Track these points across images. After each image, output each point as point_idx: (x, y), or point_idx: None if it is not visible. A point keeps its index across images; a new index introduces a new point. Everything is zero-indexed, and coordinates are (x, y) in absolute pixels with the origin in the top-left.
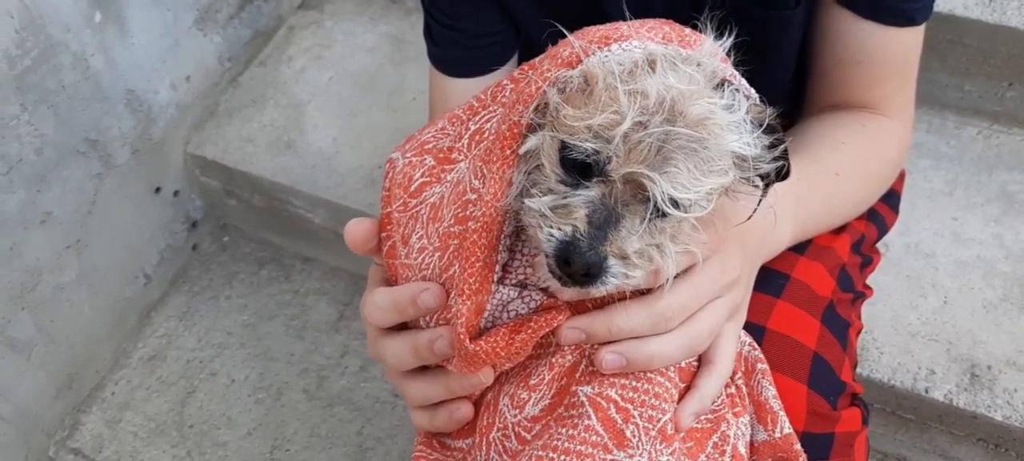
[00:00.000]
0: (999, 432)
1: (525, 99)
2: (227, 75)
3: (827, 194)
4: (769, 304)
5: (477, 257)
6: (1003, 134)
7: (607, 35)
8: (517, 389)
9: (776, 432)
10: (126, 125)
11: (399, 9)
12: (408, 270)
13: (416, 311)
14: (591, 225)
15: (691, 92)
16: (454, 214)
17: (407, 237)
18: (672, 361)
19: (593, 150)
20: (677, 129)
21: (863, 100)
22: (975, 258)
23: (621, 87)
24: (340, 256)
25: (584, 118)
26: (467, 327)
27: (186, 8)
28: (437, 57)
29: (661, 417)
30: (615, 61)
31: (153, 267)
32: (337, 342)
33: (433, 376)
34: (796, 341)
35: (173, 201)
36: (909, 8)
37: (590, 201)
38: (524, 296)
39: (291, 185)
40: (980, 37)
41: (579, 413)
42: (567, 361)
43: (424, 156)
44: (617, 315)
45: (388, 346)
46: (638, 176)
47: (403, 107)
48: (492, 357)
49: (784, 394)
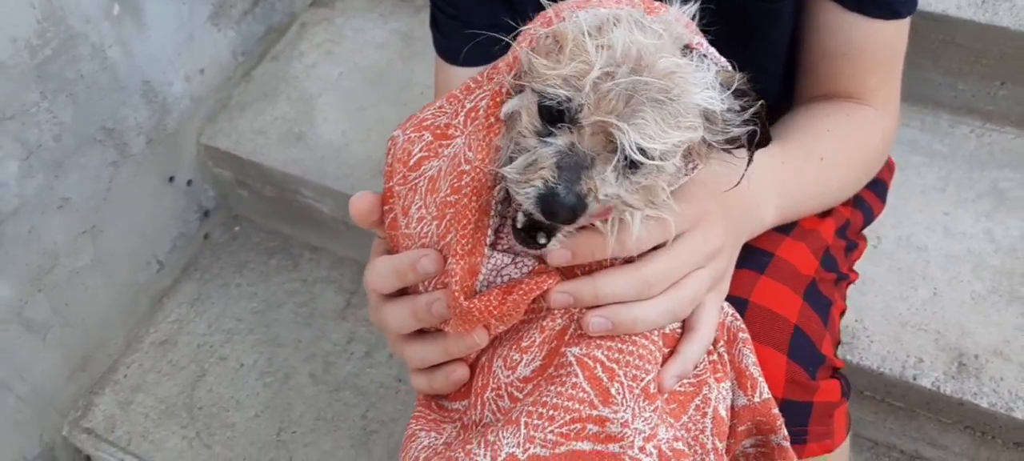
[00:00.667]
0: (985, 419)
1: (506, 67)
2: (240, 69)
3: (811, 178)
4: (752, 279)
5: (468, 220)
6: (995, 132)
7: (579, 4)
8: (510, 351)
9: (755, 397)
10: (141, 115)
11: (408, 6)
12: (408, 239)
13: (415, 276)
14: (562, 169)
15: (657, 47)
16: (450, 184)
17: (407, 208)
18: (655, 325)
19: (565, 97)
20: (644, 79)
21: (849, 91)
22: (965, 252)
23: (589, 40)
24: (348, 246)
25: (556, 68)
26: (462, 286)
27: (201, 3)
28: (442, 47)
29: (645, 377)
30: (583, 21)
31: (166, 254)
32: (343, 329)
33: (431, 339)
34: (777, 314)
35: (186, 190)
36: (894, 1)
37: (558, 150)
38: (517, 262)
39: (301, 176)
40: (972, 37)
41: (567, 372)
42: (557, 324)
43: (422, 132)
44: (603, 280)
45: (389, 311)
46: (606, 125)
47: (412, 101)
48: (485, 314)
49: (764, 363)
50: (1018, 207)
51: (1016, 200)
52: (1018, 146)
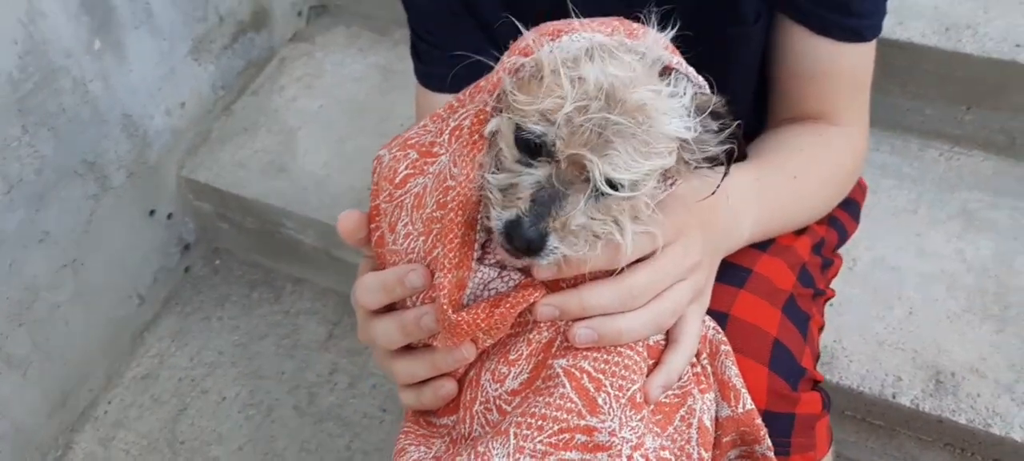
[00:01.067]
0: (964, 435)
1: (490, 88)
2: (220, 103)
3: (786, 195)
4: (732, 294)
5: (455, 234)
6: (963, 155)
7: (559, 29)
8: (498, 364)
9: (739, 408)
10: (122, 149)
11: (387, 41)
12: (395, 256)
13: (403, 291)
14: (535, 203)
15: (630, 79)
16: (436, 200)
17: (393, 225)
18: (639, 336)
19: (540, 132)
20: (615, 114)
21: (819, 112)
22: (939, 271)
23: (565, 74)
24: (330, 277)
25: (533, 102)
26: (450, 300)
27: (182, 38)
28: (423, 74)
29: (631, 387)
30: (561, 51)
31: (147, 288)
32: (326, 360)
33: (419, 354)
34: (758, 327)
35: (167, 224)
36: (859, 25)
37: (537, 181)
38: (503, 276)
39: (284, 207)
40: (938, 64)
41: (555, 383)
42: (544, 337)
43: (408, 151)
44: (588, 293)
45: (377, 326)
46: (580, 158)
47: (391, 132)
48: (473, 327)
49: (746, 375)
50: (987, 227)
51: (985, 221)
52: (985, 168)
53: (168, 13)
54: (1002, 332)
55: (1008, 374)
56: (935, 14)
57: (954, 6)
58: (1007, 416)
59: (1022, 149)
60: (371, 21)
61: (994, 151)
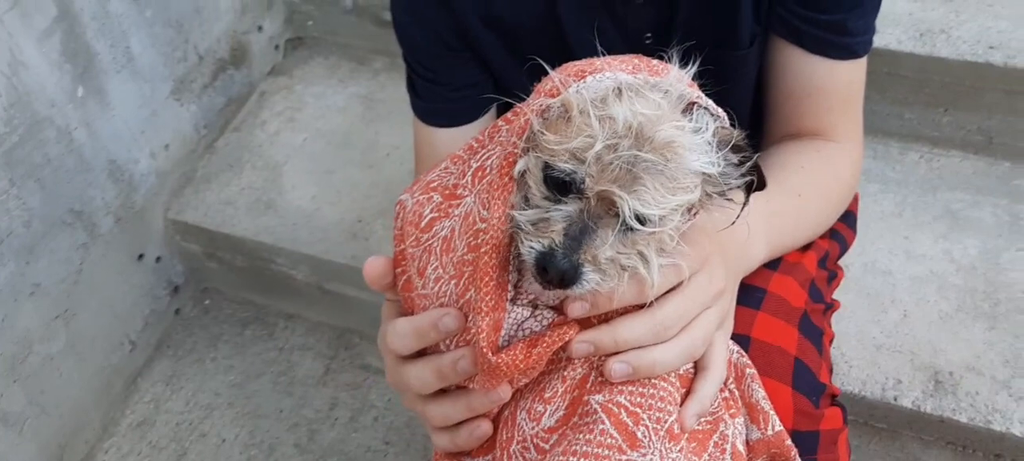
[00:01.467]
0: (966, 434)
1: (518, 130)
2: (203, 142)
3: (793, 213)
4: (751, 316)
5: (490, 276)
6: (943, 157)
7: (583, 69)
8: (533, 403)
9: (768, 430)
10: (109, 195)
11: (367, 70)
12: (425, 300)
13: (437, 335)
14: (567, 237)
15: (657, 117)
16: (466, 243)
17: (422, 269)
18: (673, 367)
19: (570, 170)
20: (644, 151)
21: (815, 128)
22: (928, 273)
23: (593, 113)
24: (323, 311)
25: (563, 142)
26: (488, 342)
27: (162, 79)
28: (421, 109)
29: (668, 419)
30: (589, 90)
31: (138, 333)
32: (325, 395)
33: (454, 397)
34: (779, 348)
35: (155, 267)
36: (851, 42)
37: (568, 216)
38: (537, 315)
39: (274, 243)
40: (915, 69)
41: (593, 420)
42: (578, 373)
43: (431, 194)
44: (622, 327)
45: (411, 371)
46: (609, 194)
47: (378, 162)
48: (512, 369)
49: (772, 396)
50: (971, 226)
51: (969, 220)
52: (965, 168)
53: (148, 55)
54: (994, 329)
55: (1004, 371)
56: (910, 21)
57: (927, 12)
58: (1006, 412)
59: (999, 148)
60: (349, 51)
61: (972, 151)
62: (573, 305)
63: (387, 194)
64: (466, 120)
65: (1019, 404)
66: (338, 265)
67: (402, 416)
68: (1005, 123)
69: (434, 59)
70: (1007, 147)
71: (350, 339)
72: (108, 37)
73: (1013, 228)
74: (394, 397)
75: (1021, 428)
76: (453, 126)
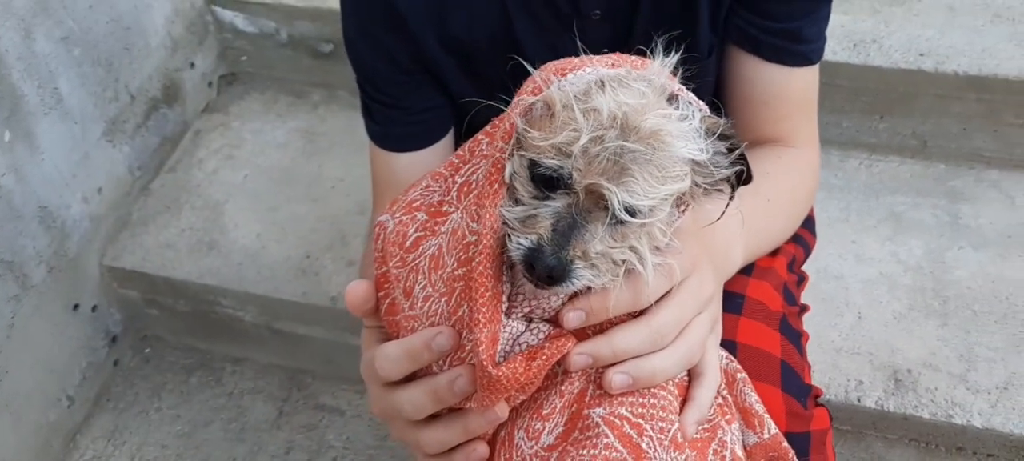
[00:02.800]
0: (928, 430)
1: (503, 135)
2: (138, 184)
3: (763, 218)
4: (734, 321)
5: (485, 287)
6: (882, 162)
7: (564, 67)
8: (531, 421)
9: (764, 433)
10: (40, 243)
11: (305, 104)
12: (414, 320)
13: (431, 355)
14: (556, 232)
15: (642, 106)
16: (456, 258)
17: (409, 289)
18: (672, 374)
19: (557, 165)
20: (630, 144)
21: (775, 135)
22: (878, 275)
23: (577, 107)
24: (273, 352)
25: (548, 138)
26: (488, 355)
27: (93, 120)
28: (378, 135)
29: (670, 428)
30: (571, 86)
31: (75, 387)
32: (280, 439)
33: (449, 420)
34: (765, 351)
35: (91, 317)
36: (806, 49)
37: (556, 212)
38: (532, 328)
39: (218, 284)
40: (850, 78)
41: (596, 434)
42: (575, 387)
43: (414, 214)
44: (619, 337)
45: (403, 396)
46: (597, 187)
47: (323, 196)
48: (512, 383)
49: (763, 399)
50: (915, 227)
51: (912, 221)
52: (903, 172)
53: (78, 96)
54: (946, 326)
55: (959, 365)
56: (843, 32)
57: (858, 23)
58: (965, 405)
59: (933, 151)
60: (286, 85)
61: (909, 155)
62: (569, 315)
63: (335, 227)
64: (425, 144)
65: (977, 397)
66: (287, 303)
67: (362, 455)
68: (938, 127)
69: (390, 84)
70: (941, 149)
71: (303, 379)
72: (35, 78)
73: (953, 227)
74: (352, 436)
75: (981, 420)
76: (412, 150)
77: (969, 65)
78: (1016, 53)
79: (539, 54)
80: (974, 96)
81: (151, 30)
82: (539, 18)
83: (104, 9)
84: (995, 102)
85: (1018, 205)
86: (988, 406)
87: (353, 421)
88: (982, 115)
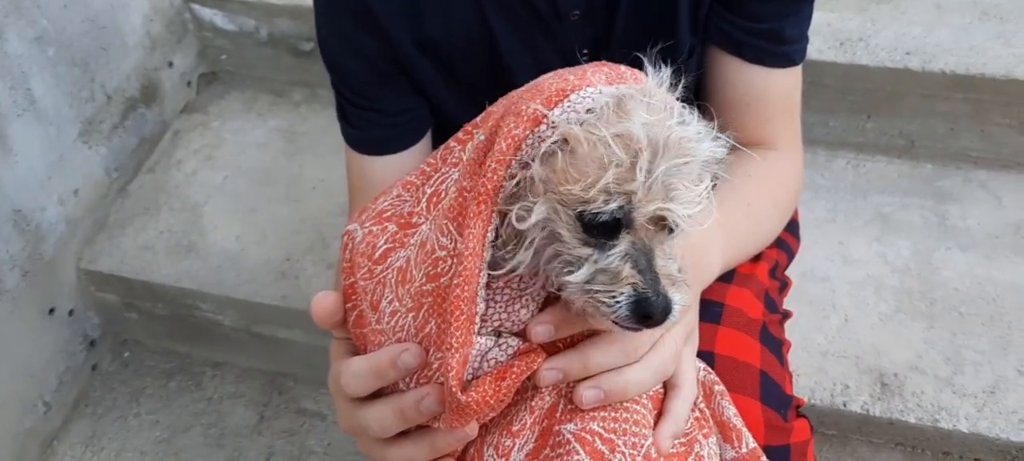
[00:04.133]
0: (914, 434)
1: (498, 158)
2: (115, 185)
3: (744, 222)
4: (712, 331)
5: (462, 311)
6: (869, 162)
7: (562, 88)
8: (501, 438)
9: (742, 448)
10: (14, 247)
11: (286, 103)
12: (380, 336)
13: (396, 373)
14: (642, 274)
15: (662, 120)
16: (425, 273)
17: (376, 303)
18: (646, 387)
19: (616, 208)
20: (675, 162)
21: (757, 137)
22: (865, 277)
23: (610, 134)
24: (253, 356)
25: (591, 183)
26: (457, 380)
27: (69, 121)
28: (354, 138)
29: (644, 443)
30: (583, 111)
31: (52, 393)
32: (261, 445)
33: (417, 438)
34: (743, 362)
35: (68, 321)
36: (789, 50)
37: (627, 255)
38: (500, 344)
39: (197, 288)
40: (837, 77)
41: (567, 451)
42: (546, 403)
43: (384, 224)
44: (591, 351)
45: (369, 414)
46: (659, 212)
47: (304, 197)
48: (482, 406)
49: (741, 412)
50: (902, 228)
51: (899, 222)
52: (891, 172)
53: (52, 96)
54: (933, 328)
55: (945, 368)
56: (829, 31)
57: (845, 22)
58: (952, 409)
59: (921, 151)
60: (266, 84)
61: (896, 155)
62: (537, 329)
63: (315, 229)
64: (401, 147)
65: (963, 400)
66: (267, 307)
67: (343, 460)
68: (925, 126)
69: (366, 86)
70: (928, 149)
71: (284, 383)
72: (7, 79)
73: (941, 228)
74: (334, 441)
75: (967, 424)
76: (388, 154)
77: (956, 64)
78: (1003, 52)
79: (517, 54)
80: (961, 95)
81: (128, 29)
82: (517, 18)
83: (79, 8)
84: (982, 101)
85: (1005, 205)
86: (975, 410)
87: (334, 426)
88: (969, 115)
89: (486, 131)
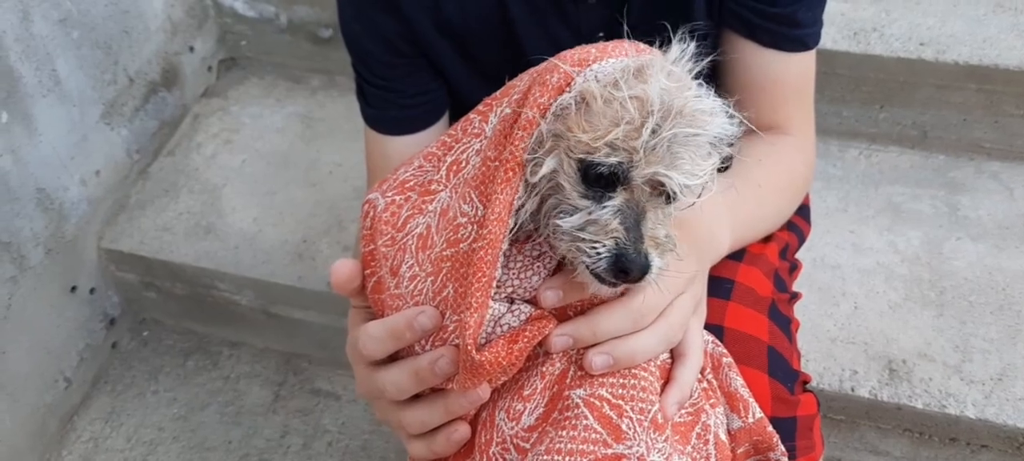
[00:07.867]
0: (922, 420)
1: (524, 125)
2: (136, 167)
3: (753, 203)
4: (722, 306)
5: (483, 273)
6: (881, 152)
7: (584, 58)
8: (512, 402)
9: (749, 418)
10: (38, 225)
11: (304, 89)
12: (399, 300)
13: (413, 335)
14: (627, 230)
15: (680, 89)
16: (446, 239)
17: (396, 268)
18: (653, 354)
19: (616, 162)
20: (684, 130)
21: (770, 122)
22: (875, 265)
23: (626, 95)
24: (269, 336)
25: (600, 135)
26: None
27: (92, 103)
28: (372, 118)
29: (651, 408)
30: (605, 75)
31: (73, 369)
32: (276, 423)
33: (430, 400)
34: (751, 336)
35: (89, 299)
36: (803, 34)
37: (619, 210)
38: (513, 310)
39: (215, 268)
40: (850, 67)
41: (576, 415)
42: (557, 369)
43: (407, 193)
44: (600, 318)
45: (386, 376)
46: (658, 176)
47: (321, 181)
48: (494, 366)
49: (749, 383)
50: (913, 218)
51: (910, 212)
52: (903, 162)
53: (76, 78)
54: (942, 316)
55: (954, 356)
56: (843, 20)
57: (859, 11)
58: (959, 396)
59: (933, 141)
60: (285, 70)
61: (908, 145)
62: (546, 294)
63: (331, 212)
64: (420, 127)
65: (971, 387)
66: (284, 288)
67: (357, 439)
68: (938, 117)
69: (385, 67)
70: (941, 140)
71: (299, 363)
72: (32, 60)
73: (952, 218)
74: (348, 420)
75: (975, 411)
76: (406, 134)
77: (970, 55)
78: (1017, 43)
79: (533, 37)
80: (974, 86)
81: (150, 14)
82: (534, 1)
83: None
84: (996, 92)
85: (1017, 197)
86: (982, 397)
87: (349, 406)
88: (982, 105)
89: (511, 103)
